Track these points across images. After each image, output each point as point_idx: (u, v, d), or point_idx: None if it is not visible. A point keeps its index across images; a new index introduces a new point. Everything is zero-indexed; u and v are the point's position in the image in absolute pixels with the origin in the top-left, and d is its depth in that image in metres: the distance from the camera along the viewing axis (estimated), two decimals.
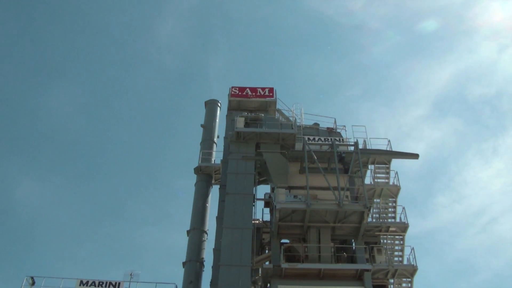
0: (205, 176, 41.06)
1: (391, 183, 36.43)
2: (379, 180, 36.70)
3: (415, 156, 37.20)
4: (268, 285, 31.70)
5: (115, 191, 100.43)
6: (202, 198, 40.00)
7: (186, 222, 39.84)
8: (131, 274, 34.47)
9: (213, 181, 41.34)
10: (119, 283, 34.17)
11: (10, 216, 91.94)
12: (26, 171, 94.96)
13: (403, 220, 33.88)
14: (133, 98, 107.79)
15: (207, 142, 43.25)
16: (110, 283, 34.10)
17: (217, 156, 41.98)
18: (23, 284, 34.08)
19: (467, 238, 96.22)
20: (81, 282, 34.11)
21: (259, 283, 33.10)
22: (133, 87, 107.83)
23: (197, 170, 41.26)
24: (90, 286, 33.91)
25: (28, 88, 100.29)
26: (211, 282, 31.47)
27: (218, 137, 44.12)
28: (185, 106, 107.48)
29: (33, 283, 34.05)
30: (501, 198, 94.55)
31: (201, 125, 44.83)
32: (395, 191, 35.71)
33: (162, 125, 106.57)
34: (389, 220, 35.16)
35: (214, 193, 40.24)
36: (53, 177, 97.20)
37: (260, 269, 33.58)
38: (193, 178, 41.72)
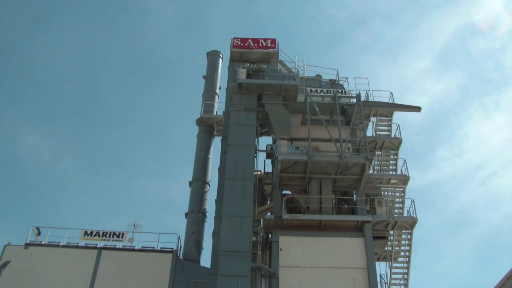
0: (207, 127, 41.17)
1: (392, 135, 36.48)
2: (380, 133, 36.76)
3: (417, 109, 37.09)
4: (270, 235, 32.08)
5: (118, 143, 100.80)
6: (204, 150, 40.22)
7: (188, 173, 40.19)
8: (134, 225, 34.97)
9: (215, 133, 41.46)
10: (122, 233, 34.67)
11: (14, 169, 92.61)
12: (28, 124, 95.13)
13: (404, 172, 34.05)
14: (134, 49, 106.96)
15: (209, 93, 43.20)
16: (114, 233, 34.62)
17: (219, 107, 42.04)
18: (29, 234, 34.61)
19: (467, 191, 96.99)
20: (86, 232, 34.64)
21: (261, 234, 33.49)
22: (134, 38, 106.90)
23: (199, 122, 41.33)
24: (94, 236, 34.45)
25: (29, 40, 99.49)
26: (213, 232, 31.79)
27: (220, 88, 44.01)
28: (187, 57, 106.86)
29: (39, 233, 34.58)
30: (502, 152, 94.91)
31: (203, 76, 44.68)
32: (396, 143, 35.80)
33: (163, 76, 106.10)
34: (390, 172, 35.39)
35: (216, 144, 40.45)
36: (55, 130, 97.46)
37: (261, 220, 33.94)
38: (195, 129, 41.85)
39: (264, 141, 38.33)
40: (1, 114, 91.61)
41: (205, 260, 36.10)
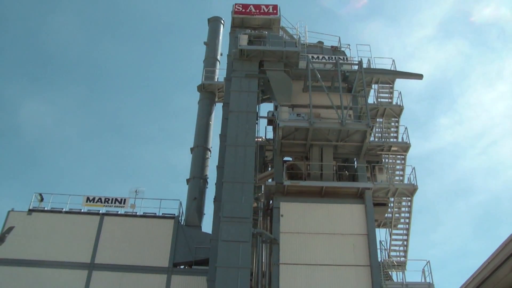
0: (208, 94, 41.11)
1: (394, 103, 36.39)
2: (382, 100, 36.67)
3: (419, 76, 36.92)
4: (271, 202, 32.30)
5: (119, 110, 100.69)
6: (206, 116, 40.23)
7: (189, 140, 40.26)
8: (136, 191, 35.17)
9: (216, 99, 41.40)
10: (124, 199, 34.87)
11: (16, 136, 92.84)
12: (30, 92, 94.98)
13: (405, 140, 34.08)
14: (135, 16, 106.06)
15: (210, 60, 43.01)
16: (116, 199, 34.82)
17: (220, 74, 41.91)
18: (32, 200, 34.85)
19: (467, 159, 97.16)
20: (88, 198, 34.84)
21: (262, 200, 33.65)
22: (135, 5, 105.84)
23: (200, 88, 41.26)
24: (96, 202, 34.67)
25: (30, 7, 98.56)
26: (214, 198, 31.95)
27: (221, 55, 43.79)
28: (188, 24, 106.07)
29: (42, 200, 34.82)
30: (503, 121, 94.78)
31: (204, 43, 44.44)
32: (398, 111, 35.73)
33: (165, 43, 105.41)
34: (391, 139, 35.36)
35: (218, 111, 40.47)
36: (56, 98, 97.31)
37: (262, 186, 34.10)
38: (197, 96, 41.79)
39: (266, 108, 38.30)
40: (2, 82, 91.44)
41: (206, 226, 36.39)
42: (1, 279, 29.04)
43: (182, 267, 33.10)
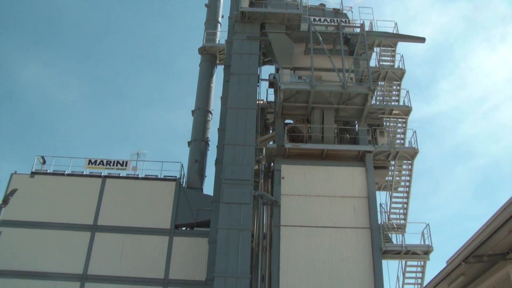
0: (209, 56, 40.90)
1: (396, 66, 36.19)
2: (384, 63, 36.44)
3: (421, 39, 36.62)
4: (272, 164, 32.41)
5: (120, 73, 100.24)
6: (207, 78, 40.09)
7: (191, 102, 40.21)
8: (137, 153, 35.25)
9: (217, 62, 41.20)
10: (126, 162, 34.97)
11: (18, 100, 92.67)
12: (30, 54, 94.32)
13: (406, 103, 34.03)
14: None
15: (211, 22, 42.65)
16: (118, 162, 34.92)
17: (221, 36, 41.58)
18: (35, 163, 34.99)
19: (468, 124, 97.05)
20: (90, 161, 34.95)
21: (263, 163, 33.76)
22: None
23: (202, 51, 41.02)
24: (98, 165, 34.77)
25: None
26: (215, 160, 32.10)
27: (222, 17, 43.40)
28: None
29: (44, 162, 34.95)
30: (505, 86, 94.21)
31: (205, 5, 44.00)
32: (399, 74, 35.58)
33: (166, 5, 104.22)
34: (393, 103, 35.30)
35: (219, 73, 40.33)
36: (56, 61, 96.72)
37: (264, 149, 34.18)
38: (198, 58, 41.60)
39: (267, 70, 38.24)
40: (2, 44, 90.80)
41: (208, 188, 36.69)
42: (6, 240, 29.35)
43: (183, 228, 33.41)
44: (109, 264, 31.41)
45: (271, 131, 36.69)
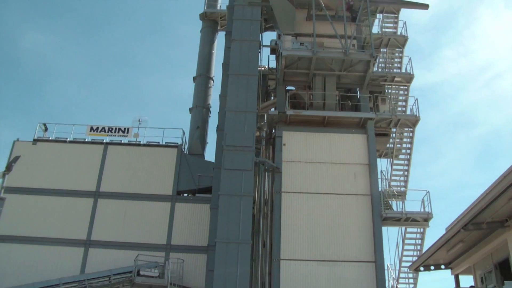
0: (210, 22, 40.63)
1: (398, 33, 36.00)
2: (386, 30, 36.23)
3: (424, 6, 36.24)
4: (273, 131, 32.45)
5: (121, 39, 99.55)
6: (208, 45, 39.89)
7: (192, 69, 40.05)
8: (139, 120, 35.27)
9: (219, 28, 40.94)
10: (128, 129, 35.00)
11: (18, 67, 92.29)
12: (30, 20, 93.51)
13: (408, 71, 33.90)
14: None
15: None
16: (119, 128, 34.95)
17: (222, 1, 41.22)
18: (36, 130, 35.05)
19: (470, 92, 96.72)
20: (91, 128, 34.99)
21: (264, 129, 33.80)
22: None
23: (203, 17, 40.72)
24: (100, 131, 34.81)
25: None
26: (217, 127, 32.12)
27: None
28: None
29: (46, 129, 35.01)
30: (508, 54, 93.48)
31: None
32: (402, 41, 35.36)
33: None
34: (395, 70, 35.18)
35: (220, 39, 40.04)
36: (57, 27, 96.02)
37: (265, 115, 34.16)
38: (199, 24, 41.27)
39: (269, 37, 37.96)
40: (1, 11, 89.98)
41: (209, 154, 36.70)
42: (10, 207, 29.56)
43: (185, 195, 33.62)
44: (112, 230, 31.76)
45: (272, 98, 36.59)
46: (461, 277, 25.27)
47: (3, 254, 30.96)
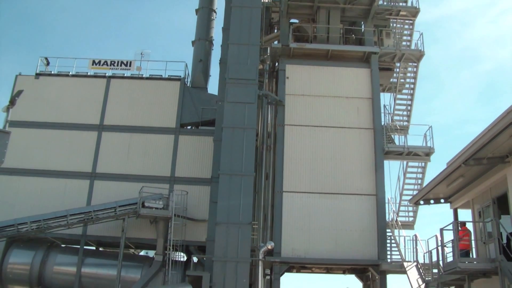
0: None
1: None
2: None
3: None
4: (276, 64, 32.33)
5: None
6: None
7: (194, 1, 39.41)
8: (141, 53, 34.94)
9: None
10: (130, 62, 34.76)
11: (18, 0, 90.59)
12: None
13: (414, 4, 33.34)
14: None
15: None
16: (122, 62, 34.69)
17: None
18: (38, 64, 34.82)
19: (476, 28, 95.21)
20: (94, 61, 34.73)
21: (268, 62, 33.62)
22: None
23: None
24: (102, 65, 34.57)
25: None
26: (220, 60, 31.93)
27: None
28: None
29: (48, 64, 34.76)
30: None
31: None
32: None
33: None
34: (400, 4, 34.46)
35: None
36: None
37: (268, 48, 33.88)
38: None
39: None
40: None
41: (213, 87, 36.68)
42: (15, 140, 29.68)
43: (189, 127, 33.76)
44: (117, 162, 32.06)
45: (276, 31, 36.21)
46: (459, 211, 25.73)
47: (11, 186, 31.48)
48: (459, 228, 21.20)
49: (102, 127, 32.93)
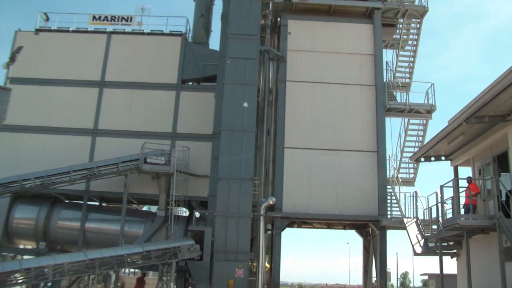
0: None
1: None
2: None
3: None
4: (278, 19, 31.98)
5: None
6: None
7: None
8: (142, 9, 34.53)
9: None
10: (131, 17, 34.38)
11: None
12: None
13: None
14: None
15: None
16: (123, 17, 34.31)
17: None
18: (38, 20, 34.46)
19: None
20: (94, 17, 34.34)
21: (269, 17, 33.10)
22: None
23: None
24: (102, 20, 34.19)
25: None
26: (222, 15, 31.55)
27: None
28: None
29: (47, 19, 34.38)
30: None
31: None
32: None
33: None
34: None
35: None
36: None
37: (270, 3, 33.36)
38: None
39: None
40: None
41: (214, 43, 36.43)
42: (16, 97, 29.54)
43: (190, 83, 33.62)
44: (118, 118, 32.05)
45: None
46: (460, 168, 25.91)
47: (14, 143, 31.61)
48: (472, 181, 21.44)
49: (103, 83, 32.80)
